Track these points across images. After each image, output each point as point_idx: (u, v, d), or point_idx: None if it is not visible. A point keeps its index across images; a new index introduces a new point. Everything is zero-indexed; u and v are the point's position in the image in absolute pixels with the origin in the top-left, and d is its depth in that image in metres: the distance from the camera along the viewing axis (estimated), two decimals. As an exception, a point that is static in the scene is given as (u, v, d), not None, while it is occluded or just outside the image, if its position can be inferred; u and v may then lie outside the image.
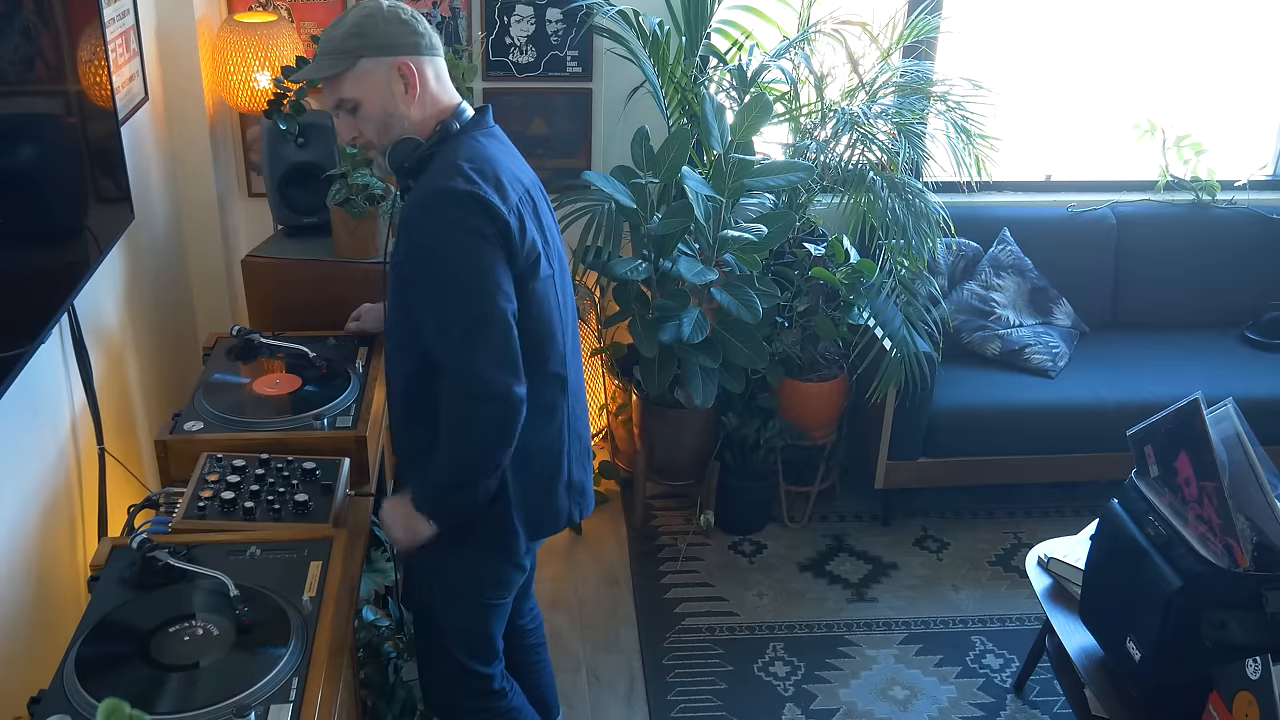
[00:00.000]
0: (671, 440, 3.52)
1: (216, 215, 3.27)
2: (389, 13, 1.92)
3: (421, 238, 1.86)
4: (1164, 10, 3.90)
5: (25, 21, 1.88)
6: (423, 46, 1.93)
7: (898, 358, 3.20)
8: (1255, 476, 2.14)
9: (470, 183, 1.84)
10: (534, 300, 1.94)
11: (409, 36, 1.92)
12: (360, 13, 1.92)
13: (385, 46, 1.90)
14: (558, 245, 2.08)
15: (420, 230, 1.86)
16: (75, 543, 2.28)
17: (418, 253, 1.87)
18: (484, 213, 1.83)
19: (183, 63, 3.08)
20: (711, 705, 2.93)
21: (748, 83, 3.29)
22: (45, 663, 1.91)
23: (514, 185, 1.92)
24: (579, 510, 2.17)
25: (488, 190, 1.85)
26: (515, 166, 1.98)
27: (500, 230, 1.85)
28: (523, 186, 1.95)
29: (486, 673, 2.22)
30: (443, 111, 1.96)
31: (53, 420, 2.21)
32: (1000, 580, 3.42)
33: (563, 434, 2.08)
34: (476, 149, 1.92)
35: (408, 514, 2.01)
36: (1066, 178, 4.06)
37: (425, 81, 1.94)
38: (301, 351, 2.53)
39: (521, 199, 1.92)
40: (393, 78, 1.91)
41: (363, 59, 1.90)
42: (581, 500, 2.17)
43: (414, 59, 1.92)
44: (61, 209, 2.13)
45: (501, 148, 1.99)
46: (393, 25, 1.91)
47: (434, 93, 1.96)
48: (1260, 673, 2.06)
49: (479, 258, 1.84)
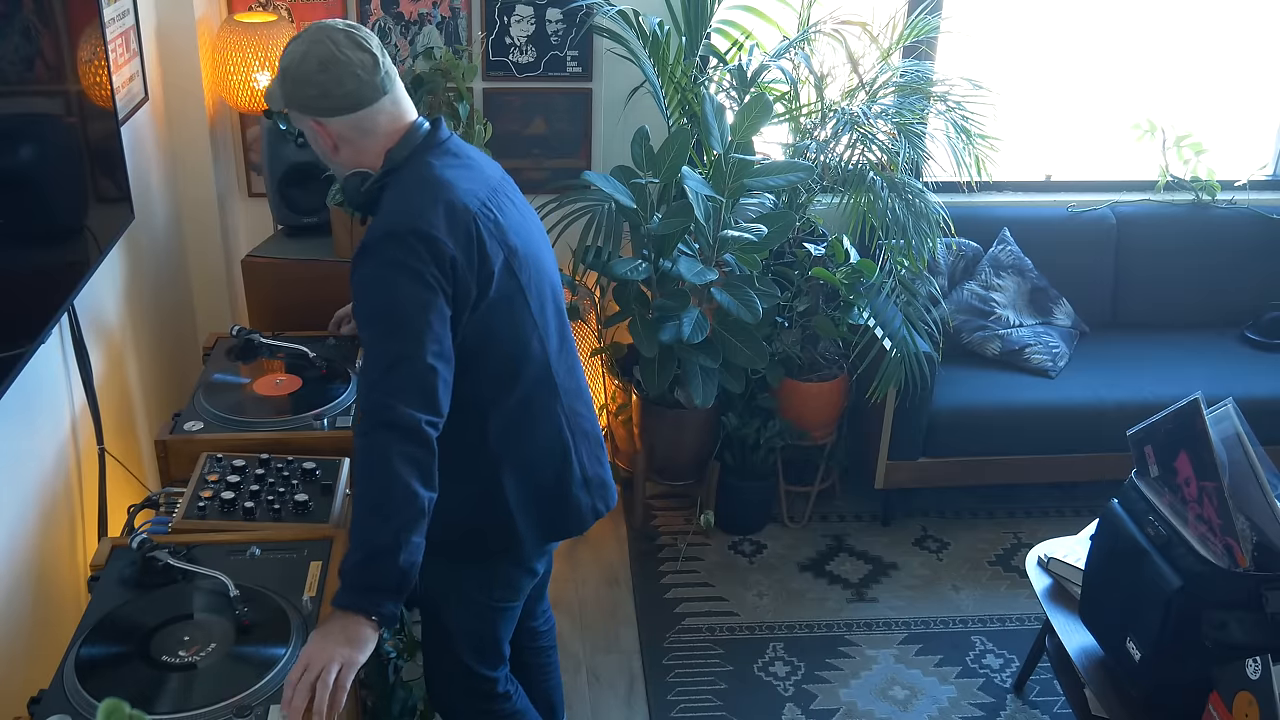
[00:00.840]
0: (671, 440, 3.52)
1: (216, 215, 3.27)
2: (309, 65, 1.82)
3: (360, 278, 1.81)
4: (1164, 10, 3.90)
5: (25, 21, 1.88)
6: (344, 105, 1.84)
7: (898, 358, 3.20)
8: (1255, 476, 2.14)
9: (414, 217, 1.80)
10: (499, 315, 1.90)
11: (328, 100, 1.84)
12: (285, 58, 1.87)
13: (304, 106, 1.86)
14: (532, 244, 2.00)
15: (360, 271, 1.81)
16: (75, 543, 2.28)
17: (358, 292, 1.82)
18: (425, 249, 1.77)
19: (183, 63, 3.08)
20: (711, 705, 2.93)
21: (748, 83, 3.29)
22: (45, 663, 1.91)
23: (467, 201, 1.85)
24: (603, 503, 2.13)
25: (433, 224, 1.79)
26: (470, 177, 1.92)
27: (443, 265, 1.79)
28: (479, 199, 1.88)
29: (491, 676, 2.21)
30: (388, 140, 1.89)
31: (53, 420, 2.21)
32: (1000, 580, 3.42)
33: (563, 435, 2.05)
34: (425, 175, 1.87)
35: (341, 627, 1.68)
36: (1066, 178, 4.06)
37: (348, 140, 1.88)
38: (301, 351, 2.53)
39: (479, 211, 1.86)
40: (315, 133, 1.90)
41: (289, 109, 1.89)
42: (603, 493, 2.14)
43: (332, 121, 1.86)
44: (61, 209, 2.13)
45: (454, 162, 1.92)
46: (310, 86, 1.83)
47: (367, 143, 1.89)
48: (1260, 673, 2.06)
49: (411, 298, 1.77)
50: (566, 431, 2.06)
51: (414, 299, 1.77)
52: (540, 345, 1.99)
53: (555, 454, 2.05)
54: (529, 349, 1.97)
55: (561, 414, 2.05)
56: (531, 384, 1.98)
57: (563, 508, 2.08)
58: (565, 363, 2.08)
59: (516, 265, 1.93)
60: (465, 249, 1.82)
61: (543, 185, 3.55)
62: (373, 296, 1.80)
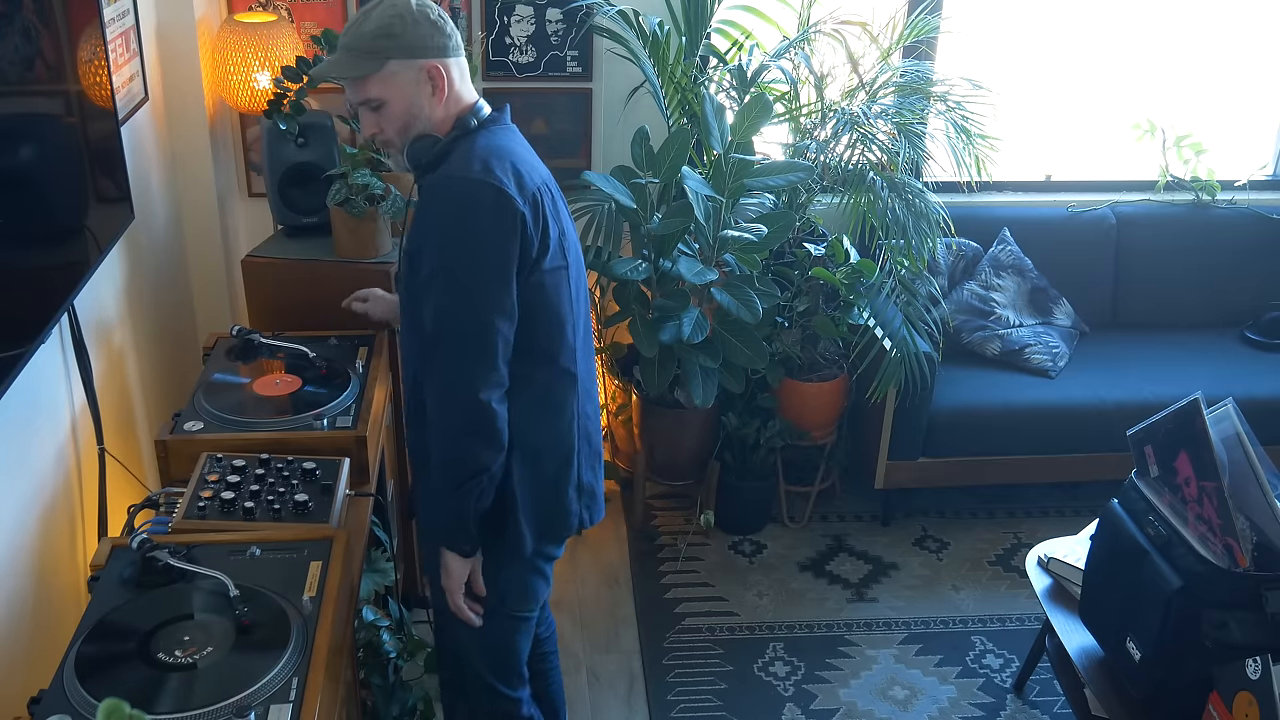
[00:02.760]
0: (671, 440, 3.52)
1: (216, 215, 3.27)
2: (418, 13, 1.89)
3: (437, 221, 1.86)
4: (1164, 10, 3.90)
5: (25, 21, 1.88)
6: (450, 48, 1.93)
7: (898, 358, 3.20)
8: (1255, 476, 2.14)
9: (486, 173, 1.85)
10: (545, 289, 1.93)
11: (438, 38, 1.91)
12: (389, 11, 1.89)
13: (414, 49, 1.89)
14: (574, 241, 2.06)
15: (435, 214, 1.86)
16: (75, 543, 2.28)
17: (431, 240, 1.87)
18: (498, 202, 1.83)
19: (183, 63, 3.08)
20: (711, 705, 2.93)
21: (748, 83, 3.29)
22: (45, 663, 1.91)
23: (531, 176, 1.91)
24: (589, 514, 2.13)
25: (504, 180, 1.85)
26: (532, 160, 1.98)
27: (514, 220, 1.84)
28: (540, 178, 1.95)
29: (513, 696, 2.19)
30: (463, 109, 1.96)
31: (53, 420, 2.21)
32: (1000, 580, 3.42)
33: (572, 432, 2.05)
34: (493, 142, 1.92)
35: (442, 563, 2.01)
36: (1066, 178, 4.06)
37: (452, 83, 1.94)
38: (301, 351, 2.53)
39: (539, 189, 1.92)
40: (420, 80, 1.91)
41: (390, 60, 1.88)
42: (591, 504, 2.14)
43: (442, 61, 1.92)
44: (61, 209, 2.13)
45: (519, 142, 1.99)
46: (422, 27, 1.89)
47: (458, 92, 1.95)
48: (1260, 673, 2.06)
49: (488, 258, 1.84)
50: (576, 431, 2.06)
51: (494, 256, 1.84)
52: (572, 333, 2.00)
53: (561, 450, 2.04)
54: (563, 333, 1.98)
55: (575, 411, 2.05)
56: (558, 371, 1.99)
57: (556, 507, 2.07)
58: (587, 361, 2.10)
59: (566, 245, 1.98)
60: (532, 212, 1.87)
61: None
62: (451, 254, 1.84)
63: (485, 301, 1.85)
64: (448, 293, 1.85)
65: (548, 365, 1.97)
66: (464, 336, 1.85)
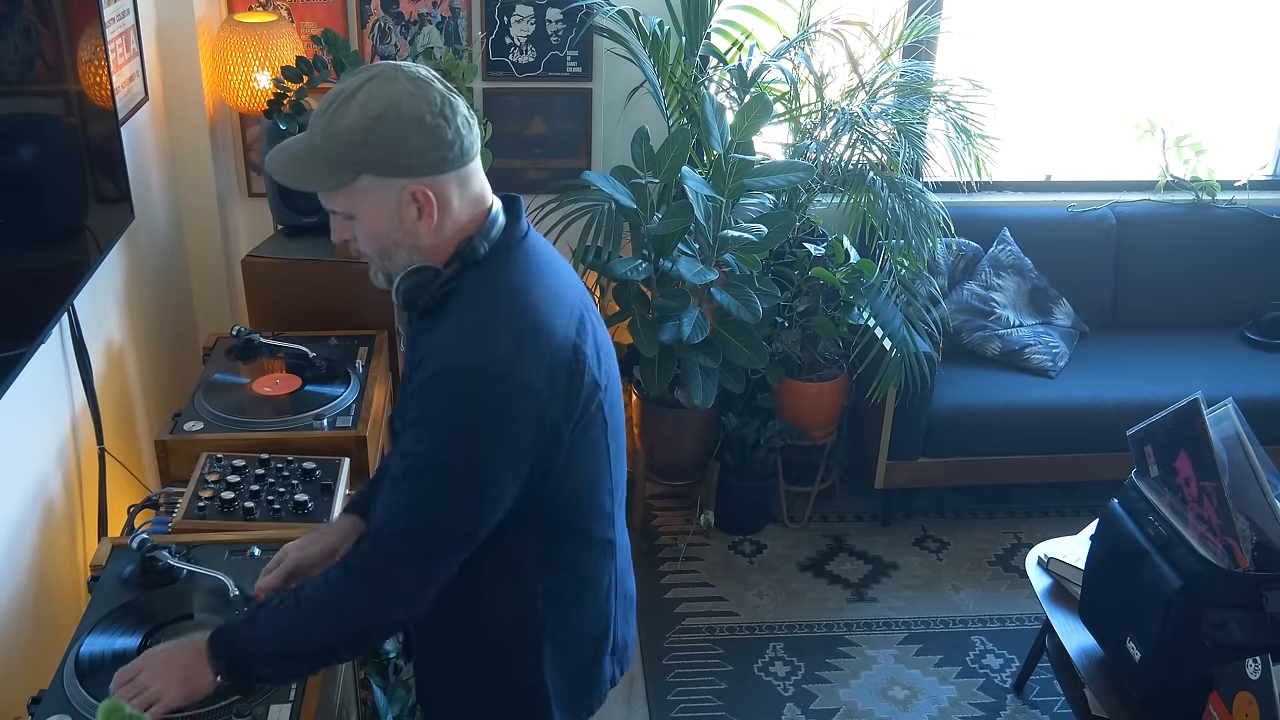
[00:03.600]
0: (671, 440, 3.52)
1: (216, 215, 3.27)
2: (409, 114, 1.41)
3: (425, 420, 1.46)
4: (1164, 10, 3.90)
5: (25, 21, 1.88)
6: (448, 160, 1.45)
7: (898, 358, 3.20)
8: (1255, 476, 2.14)
9: (502, 357, 1.44)
10: (580, 464, 1.56)
11: (433, 151, 1.43)
12: (373, 106, 1.41)
13: (396, 165, 1.43)
14: (611, 370, 1.63)
15: (425, 413, 1.46)
16: (75, 543, 2.28)
17: (435, 438, 1.46)
18: (517, 401, 1.44)
19: (183, 63, 3.08)
20: (711, 705, 2.93)
21: (748, 83, 3.29)
22: (45, 663, 1.91)
23: (565, 330, 1.51)
24: (621, 669, 1.82)
25: (529, 365, 1.44)
26: (560, 290, 1.56)
27: (537, 414, 1.46)
28: (574, 323, 1.53)
29: None
30: (465, 229, 1.50)
31: (53, 420, 2.21)
32: (1000, 580, 3.42)
33: (609, 604, 1.73)
34: (511, 289, 1.50)
35: (189, 659, 1.54)
36: (1066, 178, 4.06)
37: (447, 205, 1.47)
38: (301, 351, 2.53)
39: (576, 342, 1.52)
40: (402, 202, 1.45)
41: (363, 175, 1.44)
42: (624, 657, 1.83)
43: (434, 181, 1.45)
44: (61, 209, 2.13)
45: (540, 269, 1.56)
46: (411, 136, 1.41)
47: (456, 213, 1.49)
48: (1260, 673, 2.06)
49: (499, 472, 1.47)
50: (613, 596, 1.73)
51: (497, 459, 1.46)
52: (610, 498, 1.65)
53: (599, 627, 1.73)
54: (599, 504, 1.63)
55: (613, 575, 1.73)
56: (594, 544, 1.66)
57: (591, 682, 1.76)
58: (622, 512, 1.75)
59: (609, 402, 1.59)
60: (561, 395, 1.48)
61: (543, 185, 3.55)
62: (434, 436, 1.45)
63: (477, 516, 1.48)
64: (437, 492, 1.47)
65: (580, 541, 1.64)
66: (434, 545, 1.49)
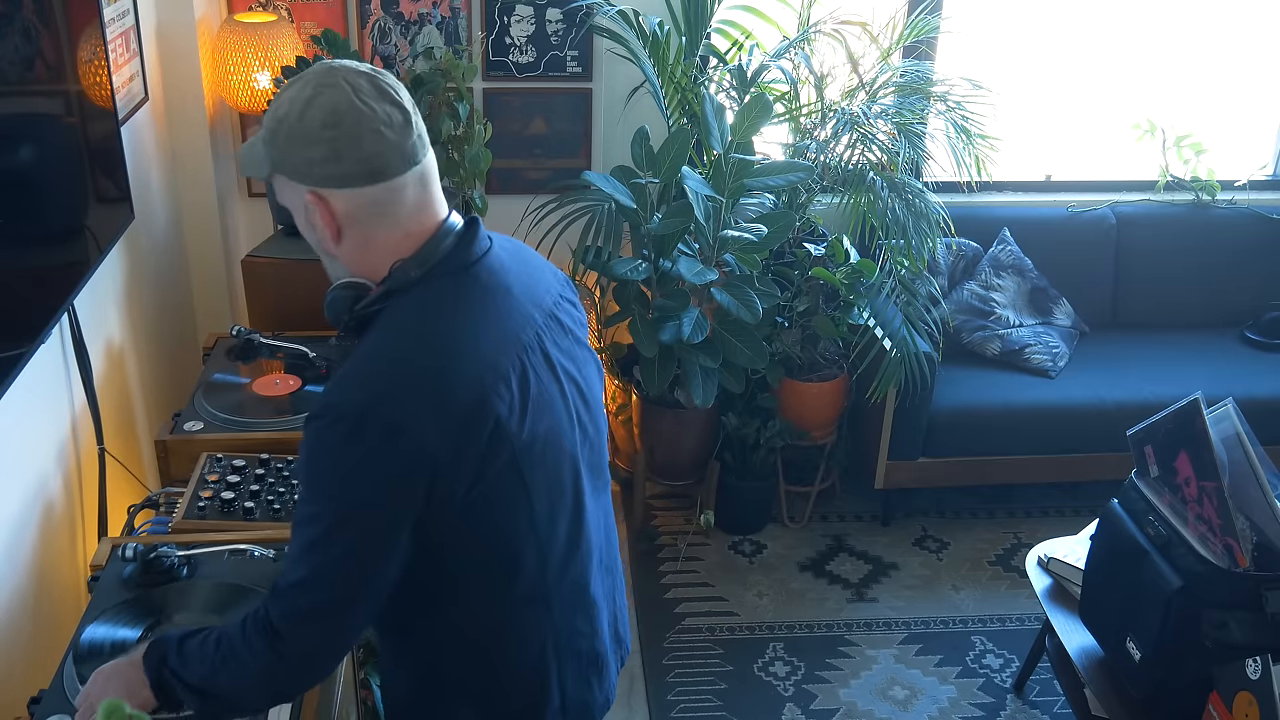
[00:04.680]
0: (671, 440, 3.52)
1: (216, 215, 3.27)
2: (319, 121, 1.31)
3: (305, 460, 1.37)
4: (1164, 10, 3.90)
5: (25, 21, 1.88)
6: (353, 176, 1.33)
7: (898, 358, 3.20)
8: (1255, 476, 2.14)
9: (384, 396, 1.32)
10: (484, 521, 1.41)
11: (330, 165, 1.32)
12: (290, 109, 1.33)
13: (301, 171, 1.35)
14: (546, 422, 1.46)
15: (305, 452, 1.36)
16: (75, 543, 2.28)
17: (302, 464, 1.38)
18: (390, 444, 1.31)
19: (183, 63, 3.08)
20: (711, 705, 2.93)
21: (748, 83, 3.29)
22: (45, 663, 1.91)
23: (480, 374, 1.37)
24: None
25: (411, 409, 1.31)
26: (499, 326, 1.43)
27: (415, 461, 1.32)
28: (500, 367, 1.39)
29: None
30: (397, 249, 1.39)
31: (53, 420, 2.21)
32: (1000, 580, 3.42)
33: (545, 661, 1.56)
34: (432, 318, 1.39)
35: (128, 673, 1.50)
36: (1066, 178, 4.06)
37: (358, 225, 1.37)
38: (301, 351, 2.53)
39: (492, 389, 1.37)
40: (308, 208, 1.37)
41: (277, 174, 1.38)
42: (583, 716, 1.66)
43: (339, 194, 1.35)
44: (61, 209, 2.13)
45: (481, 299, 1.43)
46: (313, 148, 1.32)
47: (372, 232, 1.38)
48: (1260, 673, 2.06)
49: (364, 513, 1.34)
50: (551, 656, 1.57)
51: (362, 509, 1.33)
52: (537, 556, 1.49)
53: (532, 682, 1.57)
54: (519, 562, 1.47)
55: (550, 635, 1.56)
56: (514, 603, 1.50)
57: None
58: (574, 569, 1.57)
59: (529, 461, 1.42)
60: (455, 445, 1.34)
61: (543, 185, 3.56)
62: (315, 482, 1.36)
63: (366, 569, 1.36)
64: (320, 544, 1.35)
65: (495, 602, 1.49)
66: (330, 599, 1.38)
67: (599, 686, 1.67)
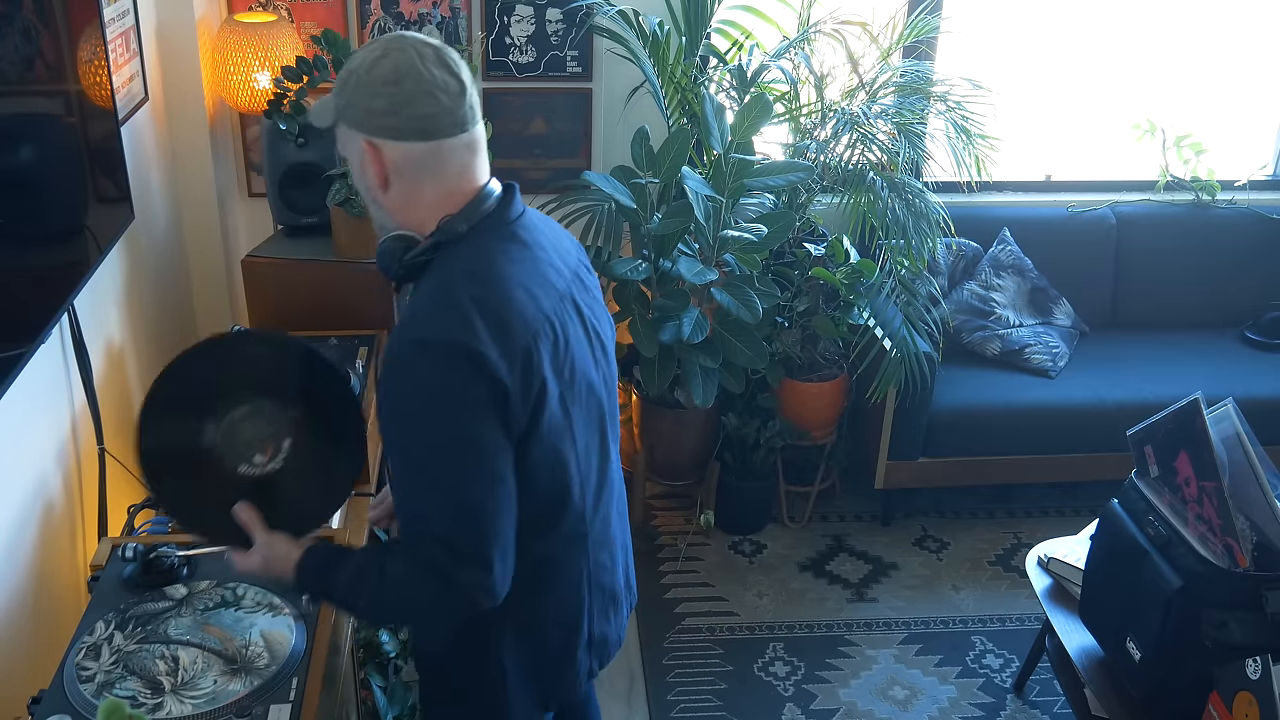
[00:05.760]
0: (671, 440, 3.52)
1: (216, 215, 3.27)
2: (380, 71, 1.46)
3: (397, 402, 1.46)
4: (1164, 10, 3.90)
5: (25, 21, 1.88)
6: (412, 129, 1.47)
7: (898, 358, 3.20)
8: (1255, 476, 2.14)
9: (458, 328, 1.43)
10: (542, 456, 1.54)
11: (394, 118, 1.47)
12: (360, 63, 1.49)
13: (361, 120, 1.49)
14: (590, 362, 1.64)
15: (395, 394, 1.46)
16: (75, 543, 2.28)
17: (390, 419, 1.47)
18: (474, 371, 1.43)
19: (183, 63, 3.08)
20: (711, 705, 2.93)
21: (748, 83, 3.29)
22: (45, 663, 1.91)
23: (531, 314, 1.51)
24: (599, 663, 1.80)
25: (483, 339, 1.44)
26: (540, 277, 1.57)
27: (494, 388, 1.44)
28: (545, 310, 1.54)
29: None
30: (443, 204, 1.53)
31: (53, 420, 2.21)
32: (1000, 580, 3.42)
33: (580, 594, 1.71)
34: (484, 267, 1.51)
35: (284, 557, 1.60)
36: (1066, 178, 4.06)
37: (405, 173, 1.51)
38: (301, 351, 2.53)
39: (543, 329, 1.52)
40: (365, 158, 1.51)
41: (340, 122, 1.52)
42: (603, 651, 1.80)
43: (391, 146, 1.49)
44: (61, 209, 2.13)
45: (522, 254, 1.57)
46: (376, 96, 1.47)
47: (421, 185, 1.52)
48: (1260, 673, 2.06)
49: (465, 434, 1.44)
50: (586, 590, 1.71)
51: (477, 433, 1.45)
52: (580, 492, 1.63)
53: (569, 616, 1.71)
54: (568, 497, 1.61)
55: (586, 570, 1.70)
56: (561, 538, 1.64)
57: (561, 672, 1.75)
58: (603, 507, 1.72)
59: (572, 398, 1.58)
60: (523, 376, 1.47)
61: (543, 185, 3.55)
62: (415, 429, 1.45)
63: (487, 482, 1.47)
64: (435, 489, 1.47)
65: (546, 537, 1.62)
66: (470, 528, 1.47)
67: (616, 623, 1.82)
